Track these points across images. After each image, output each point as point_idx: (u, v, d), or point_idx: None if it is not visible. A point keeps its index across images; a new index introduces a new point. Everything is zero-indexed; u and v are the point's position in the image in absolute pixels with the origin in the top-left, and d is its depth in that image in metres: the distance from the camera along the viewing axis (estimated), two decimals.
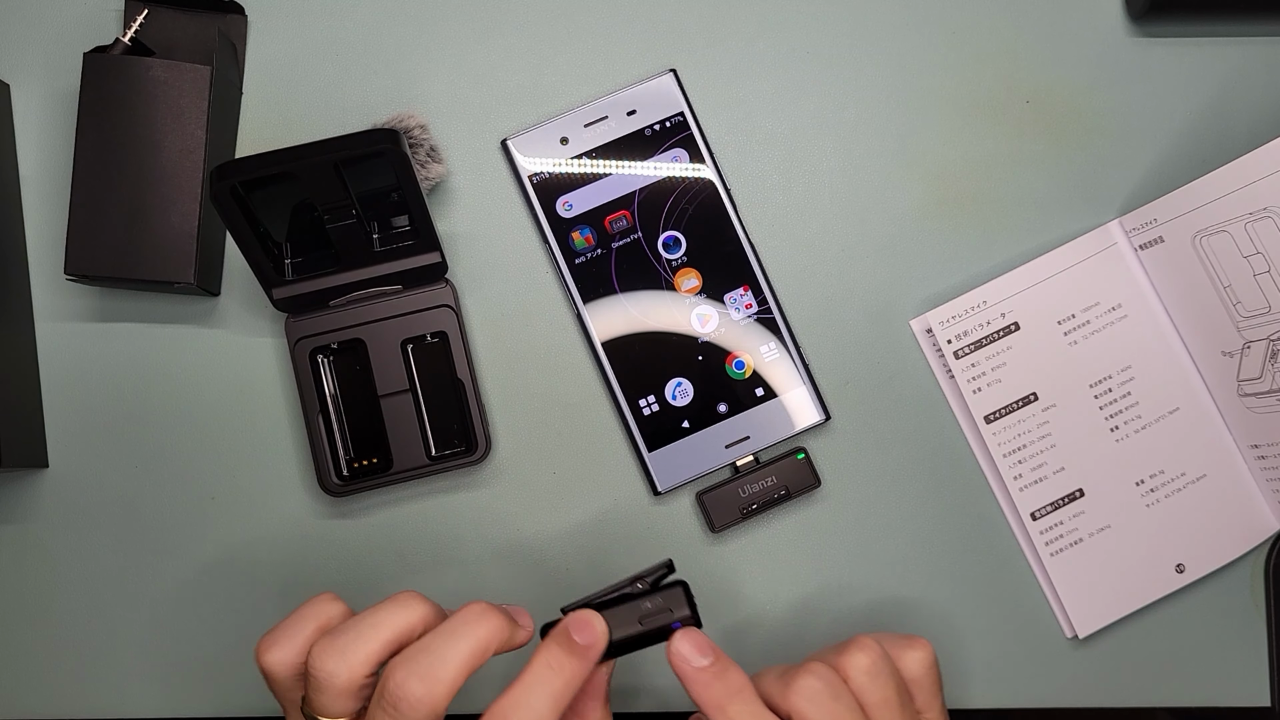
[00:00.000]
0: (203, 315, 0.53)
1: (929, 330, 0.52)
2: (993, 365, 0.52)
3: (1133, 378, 0.51)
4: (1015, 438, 0.52)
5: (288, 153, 0.45)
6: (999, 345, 0.52)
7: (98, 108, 0.49)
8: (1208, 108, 0.54)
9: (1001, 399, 0.52)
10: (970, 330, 0.52)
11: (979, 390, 0.52)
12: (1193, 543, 0.51)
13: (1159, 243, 0.51)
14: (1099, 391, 0.51)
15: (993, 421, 0.52)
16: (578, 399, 0.52)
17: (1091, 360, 0.52)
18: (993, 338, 0.51)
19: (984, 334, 0.51)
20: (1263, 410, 0.50)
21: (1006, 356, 0.52)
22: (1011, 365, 0.52)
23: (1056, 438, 0.52)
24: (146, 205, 0.49)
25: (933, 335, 0.52)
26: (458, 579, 0.52)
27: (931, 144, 0.54)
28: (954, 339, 0.52)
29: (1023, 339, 0.52)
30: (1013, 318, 0.52)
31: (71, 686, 0.52)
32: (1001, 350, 0.52)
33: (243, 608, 0.52)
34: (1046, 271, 0.52)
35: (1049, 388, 0.52)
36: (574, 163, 0.52)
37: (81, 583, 0.52)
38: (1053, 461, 0.51)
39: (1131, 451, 0.51)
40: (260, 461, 0.52)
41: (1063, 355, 0.52)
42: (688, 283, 0.52)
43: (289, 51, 0.54)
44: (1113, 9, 0.54)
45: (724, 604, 0.52)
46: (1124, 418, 0.51)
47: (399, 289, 0.51)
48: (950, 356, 0.52)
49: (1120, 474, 0.51)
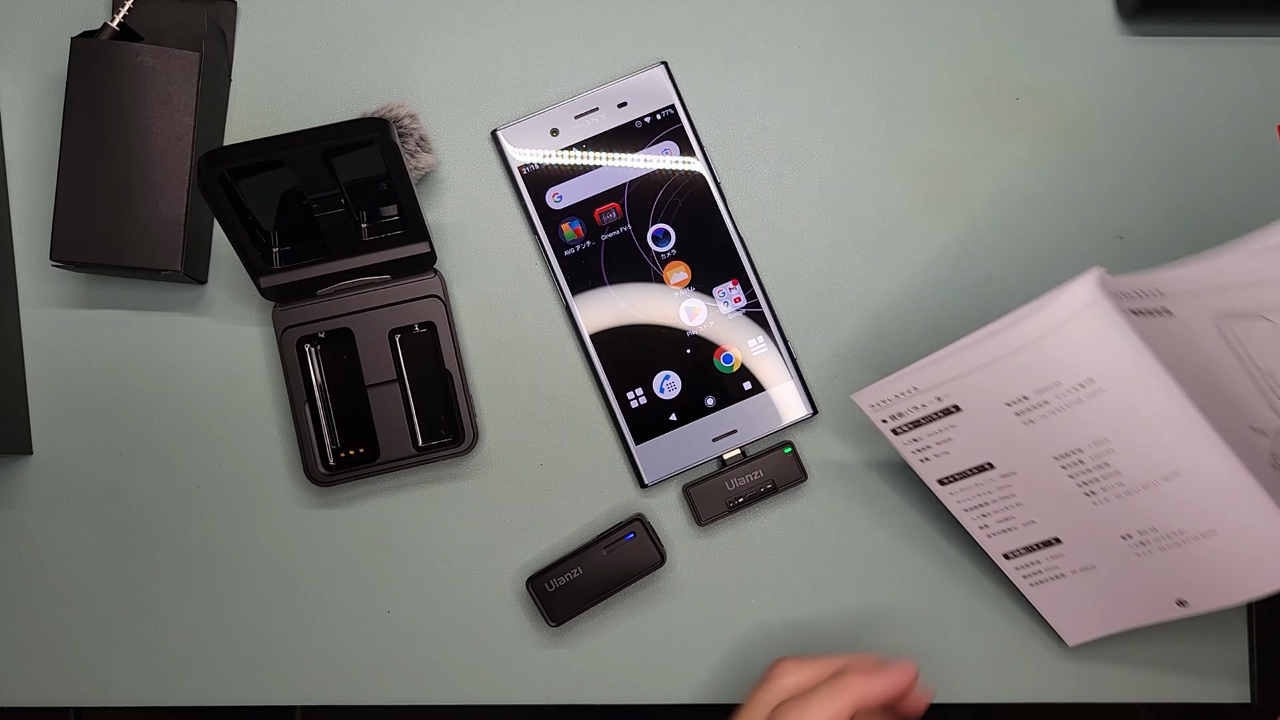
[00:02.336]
0: (189, 303, 0.53)
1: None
2: (936, 440, 0.47)
3: (1111, 450, 0.43)
4: (974, 497, 0.48)
5: (276, 141, 0.45)
6: (940, 424, 0.46)
7: (85, 93, 0.49)
8: (1197, 107, 0.54)
9: (952, 467, 0.47)
10: (905, 412, 0.46)
11: (926, 460, 0.47)
12: (1196, 587, 0.46)
13: (1163, 314, 0.42)
14: (1067, 463, 0.45)
15: (947, 484, 0.48)
16: (565, 391, 0.52)
17: (1054, 437, 0.44)
18: (931, 418, 0.46)
19: (920, 415, 0.46)
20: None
21: (950, 433, 0.46)
22: (958, 440, 0.46)
23: (1021, 498, 0.47)
24: (133, 192, 0.49)
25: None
26: (443, 570, 0.52)
27: (921, 140, 0.54)
28: (889, 419, 0.47)
29: (966, 419, 0.45)
30: (951, 401, 0.45)
31: (54, 674, 0.52)
32: (944, 428, 0.46)
33: (227, 596, 0.52)
34: (991, 354, 0.42)
35: (1005, 459, 0.46)
36: (564, 154, 0.52)
37: (65, 570, 0.52)
38: (1020, 516, 0.48)
39: (1114, 513, 0.45)
40: (246, 450, 0.52)
41: (1017, 433, 0.45)
42: (677, 275, 0.52)
43: (279, 39, 0.53)
44: (1103, 7, 0.54)
45: (709, 597, 0.52)
46: (1101, 485, 0.45)
47: (387, 279, 0.51)
48: (889, 433, 0.47)
49: (1102, 529, 0.46)
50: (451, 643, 0.52)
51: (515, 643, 0.52)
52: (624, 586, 0.50)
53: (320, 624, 0.52)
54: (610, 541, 0.50)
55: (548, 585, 0.50)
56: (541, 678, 0.52)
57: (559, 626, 0.50)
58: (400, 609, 0.52)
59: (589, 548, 0.50)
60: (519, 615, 0.52)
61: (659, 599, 0.52)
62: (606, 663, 0.52)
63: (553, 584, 0.50)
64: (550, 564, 0.50)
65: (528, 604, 0.52)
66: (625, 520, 0.51)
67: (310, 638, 0.52)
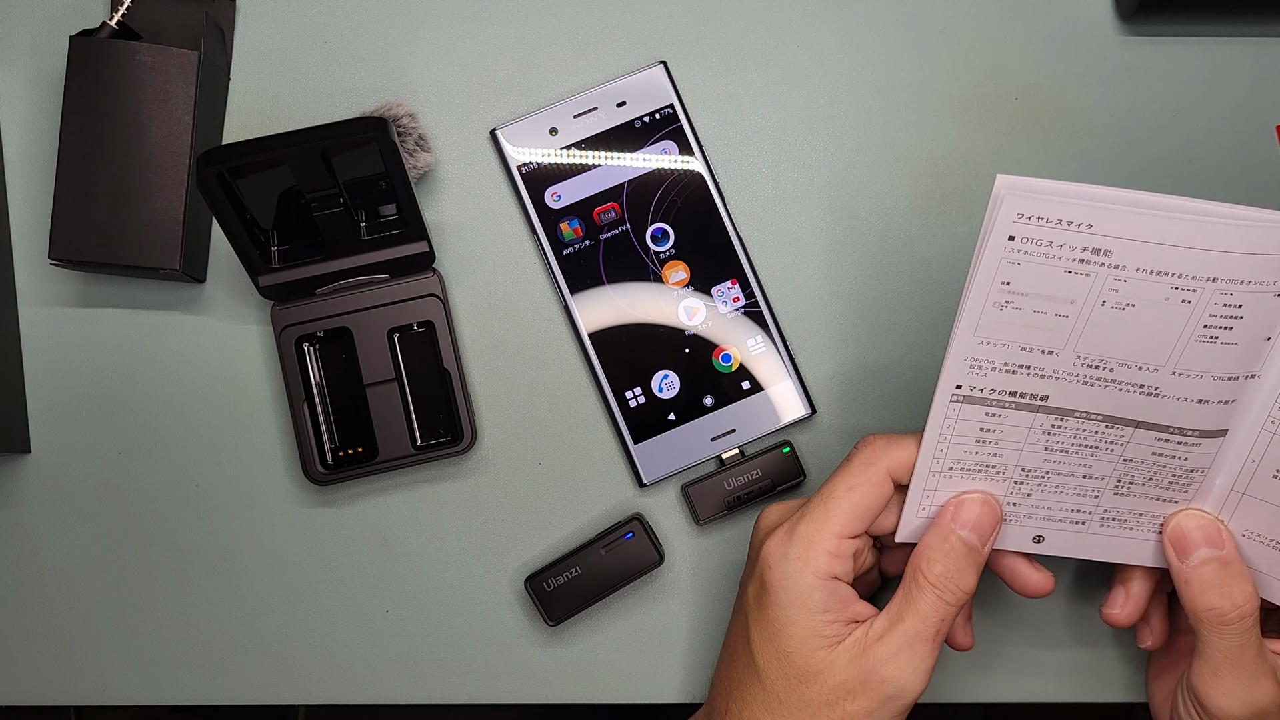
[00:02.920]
0: (188, 302, 0.53)
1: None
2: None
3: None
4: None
5: (275, 139, 0.45)
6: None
7: (84, 92, 0.49)
8: (1196, 107, 0.54)
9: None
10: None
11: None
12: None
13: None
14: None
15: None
16: (564, 390, 0.52)
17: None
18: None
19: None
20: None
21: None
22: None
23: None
24: (132, 190, 0.49)
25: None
26: (441, 569, 0.52)
27: (920, 139, 0.54)
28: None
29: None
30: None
31: (54, 672, 0.52)
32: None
33: (225, 595, 0.52)
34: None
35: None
36: (563, 154, 0.52)
37: (64, 568, 0.52)
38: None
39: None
40: (245, 449, 0.52)
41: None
42: (675, 275, 0.52)
43: (278, 38, 0.53)
44: (1102, 7, 0.54)
45: (707, 596, 0.52)
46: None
47: (386, 278, 0.51)
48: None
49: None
50: (449, 642, 0.52)
51: (513, 642, 0.52)
52: (622, 586, 0.50)
53: (318, 623, 0.52)
54: (609, 541, 0.50)
55: (546, 584, 0.50)
56: (539, 677, 0.52)
57: (557, 626, 0.50)
58: (398, 608, 0.52)
59: (587, 547, 0.50)
60: (517, 614, 0.52)
61: (657, 598, 0.52)
62: (604, 662, 0.52)
63: (551, 583, 0.50)
64: (548, 563, 0.50)
65: (526, 603, 0.52)
66: (624, 520, 0.51)
67: (308, 636, 0.52)
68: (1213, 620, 0.41)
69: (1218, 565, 0.42)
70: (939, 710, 0.53)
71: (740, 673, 0.43)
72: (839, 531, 0.42)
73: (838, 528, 0.42)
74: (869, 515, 0.43)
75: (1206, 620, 0.41)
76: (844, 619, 0.42)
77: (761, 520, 0.46)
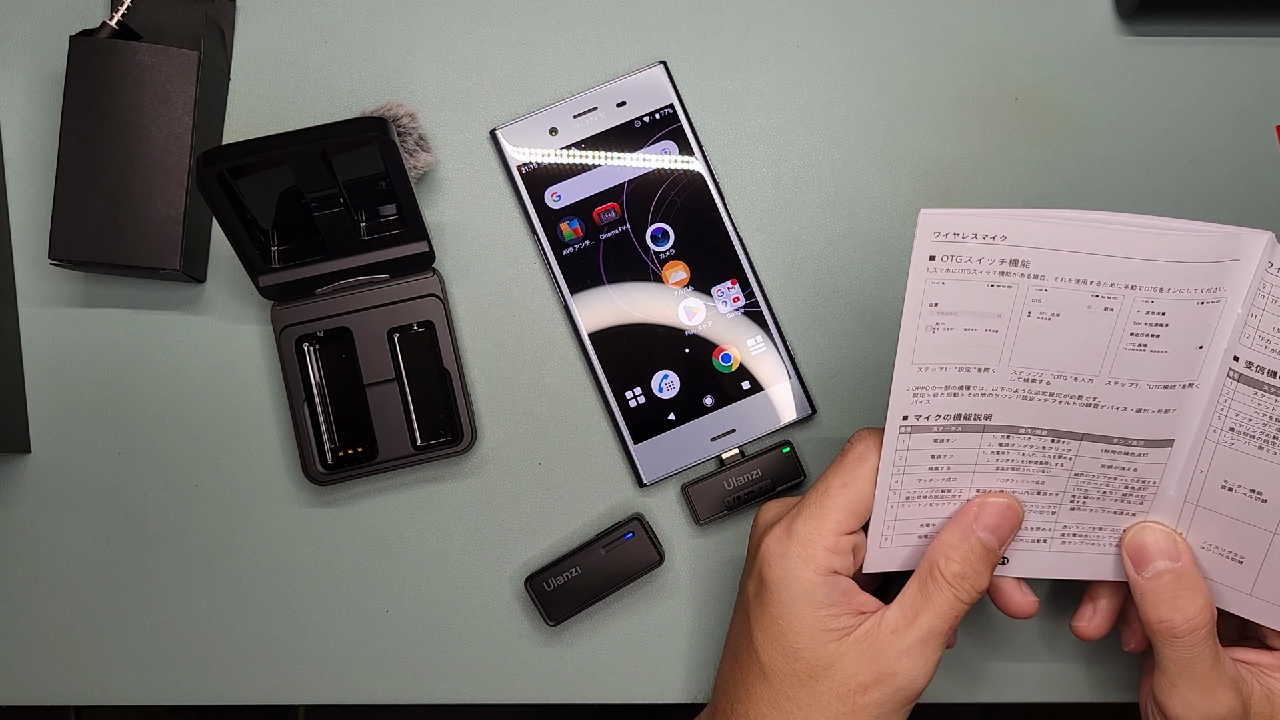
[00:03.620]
0: (188, 302, 0.53)
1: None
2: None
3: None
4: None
5: (275, 139, 0.45)
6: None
7: (84, 92, 0.49)
8: (1197, 107, 0.54)
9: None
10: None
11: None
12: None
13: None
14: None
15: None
16: (564, 390, 0.52)
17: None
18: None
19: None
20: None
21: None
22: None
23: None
24: (132, 191, 0.49)
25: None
26: (441, 569, 0.52)
27: (920, 139, 0.54)
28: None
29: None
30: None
31: (54, 672, 0.52)
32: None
33: (225, 595, 0.52)
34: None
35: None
36: (563, 154, 0.52)
37: (64, 568, 0.52)
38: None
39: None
40: (245, 449, 0.52)
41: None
42: (675, 275, 0.52)
43: (278, 38, 0.53)
44: (1102, 7, 0.54)
45: (707, 596, 0.52)
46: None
47: (386, 278, 0.51)
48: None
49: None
50: (449, 642, 0.52)
51: (513, 642, 0.52)
52: (622, 586, 0.50)
53: (318, 623, 0.52)
54: (609, 541, 0.50)
55: (546, 584, 0.50)
56: (539, 677, 0.52)
57: (557, 626, 0.50)
58: (398, 608, 0.52)
59: (587, 547, 0.50)
60: (517, 614, 0.52)
61: (657, 598, 0.52)
62: (604, 662, 0.52)
63: (551, 583, 0.50)
64: (548, 563, 0.50)
65: (526, 603, 0.52)
66: (624, 520, 0.51)
67: (308, 636, 0.52)
68: (1164, 632, 0.41)
69: (1172, 578, 0.42)
70: (939, 710, 0.53)
71: (744, 672, 0.43)
72: (836, 528, 0.42)
73: (834, 524, 0.42)
74: (865, 510, 0.43)
75: (1158, 632, 0.42)
76: (849, 611, 0.42)
77: (759, 517, 0.46)
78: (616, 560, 0.50)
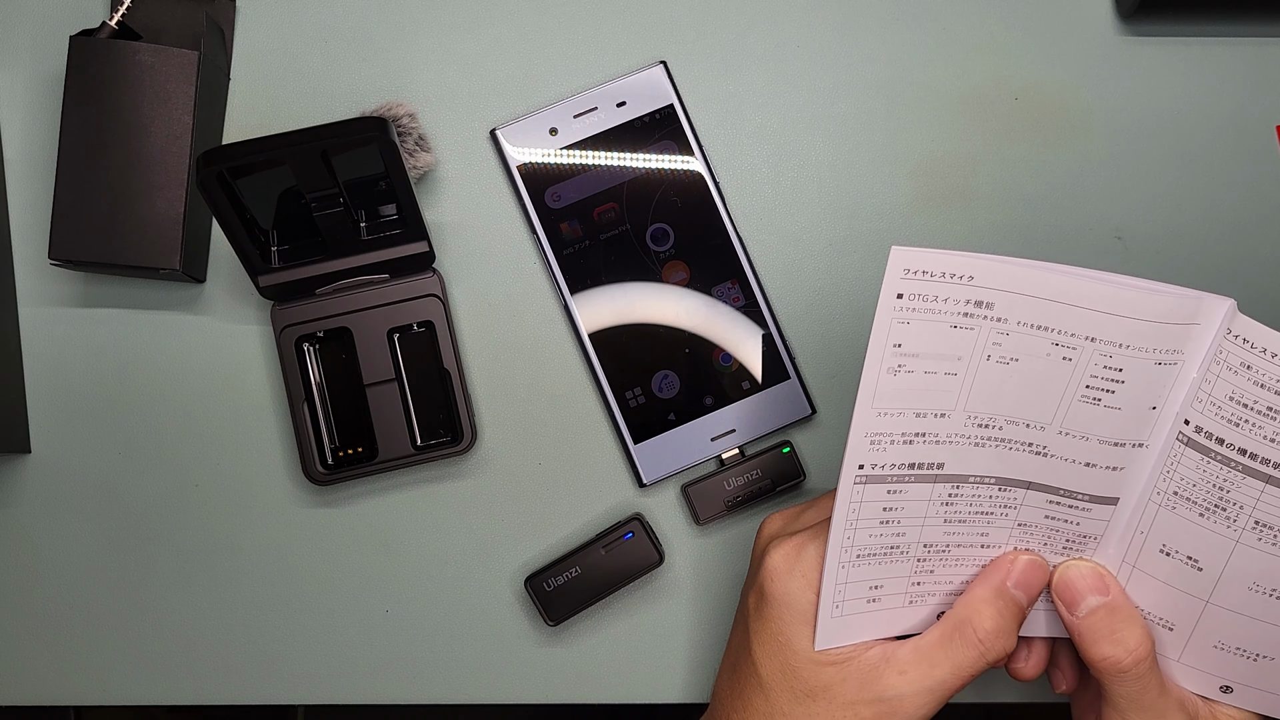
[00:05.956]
0: (188, 302, 0.53)
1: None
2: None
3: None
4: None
5: (275, 139, 0.45)
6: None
7: (83, 92, 0.49)
8: (1196, 107, 0.54)
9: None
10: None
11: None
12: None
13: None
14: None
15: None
16: (564, 390, 0.52)
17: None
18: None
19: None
20: None
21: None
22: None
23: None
24: (132, 191, 0.49)
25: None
26: (441, 569, 0.52)
27: (920, 139, 0.54)
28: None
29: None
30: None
31: (53, 672, 0.52)
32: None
33: (225, 595, 0.52)
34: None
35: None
36: (563, 154, 0.52)
37: (64, 568, 0.52)
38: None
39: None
40: (244, 449, 0.52)
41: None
42: (676, 275, 0.52)
43: (278, 38, 0.53)
44: (1102, 7, 0.54)
45: (707, 596, 0.52)
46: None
47: (386, 278, 0.51)
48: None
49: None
50: (449, 642, 0.52)
51: (513, 642, 0.52)
52: (622, 586, 0.50)
53: (318, 623, 0.52)
54: (609, 541, 0.50)
55: (546, 584, 0.50)
56: (539, 677, 0.52)
57: (557, 626, 0.50)
58: (398, 608, 0.52)
59: (587, 547, 0.50)
60: (517, 614, 0.52)
61: (657, 598, 0.52)
62: (604, 662, 0.52)
63: (551, 583, 0.50)
64: (548, 563, 0.50)
65: (526, 603, 0.52)
66: (624, 520, 0.51)
67: (308, 637, 0.52)
68: (1110, 669, 0.41)
69: (1106, 612, 0.41)
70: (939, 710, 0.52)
71: (742, 684, 0.43)
72: None
73: None
74: None
75: (1104, 670, 0.41)
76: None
77: (763, 529, 0.46)
78: (616, 560, 0.50)
